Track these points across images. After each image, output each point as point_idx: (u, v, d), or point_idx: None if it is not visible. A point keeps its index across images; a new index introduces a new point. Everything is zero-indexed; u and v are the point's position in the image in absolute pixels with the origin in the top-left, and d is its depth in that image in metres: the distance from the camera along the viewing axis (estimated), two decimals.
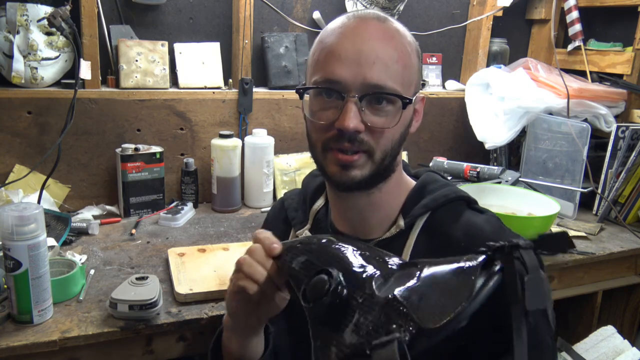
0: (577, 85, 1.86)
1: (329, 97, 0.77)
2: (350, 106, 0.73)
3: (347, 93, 0.74)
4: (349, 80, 0.74)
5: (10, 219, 0.91)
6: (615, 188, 1.72)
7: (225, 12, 1.73)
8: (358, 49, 0.74)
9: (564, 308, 1.71)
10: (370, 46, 0.75)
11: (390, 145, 0.78)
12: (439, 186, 0.86)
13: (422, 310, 0.51)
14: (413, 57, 0.80)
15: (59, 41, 1.46)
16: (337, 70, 0.75)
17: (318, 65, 0.78)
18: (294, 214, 0.96)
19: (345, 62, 0.74)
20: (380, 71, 0.74)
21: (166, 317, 1.03)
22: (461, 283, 0.52)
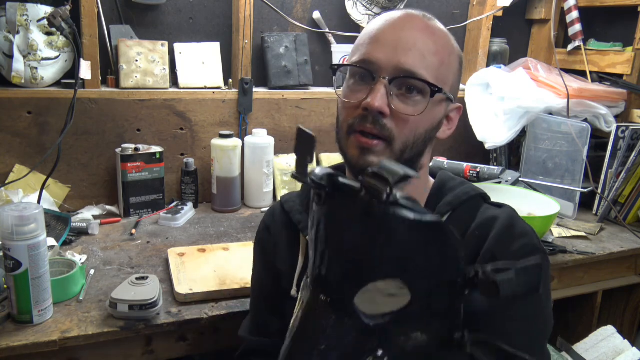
0: (577, 85, 1.86)
1: (361, 78, 0.78)
2: (379, 87, 0.74)
3: (379, 74, 0.75)
4: (383, 62, 0.75)
5: (10, 219, 0.91)
6: (615, 188, 1.72)
7: (225, 12, 1.73)
8: (398, 36, 0.75)
9: (564, 308, 1.71)
10: (410, 35, 0.76)
11: (412, 138, 0.77)
12: (458, 184, 0.86)
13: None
14: (453, 58, 0.80)
15: (59, 41, 1.46)
16: (373, 52, 0.76)
17: (358, 48, 0.80)
18: (300, 217, 0.91)
19: (383, 45, 0.75)
20: (415, 58, 0.74)
21: (166, 317, 1.03)
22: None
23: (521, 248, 0.76)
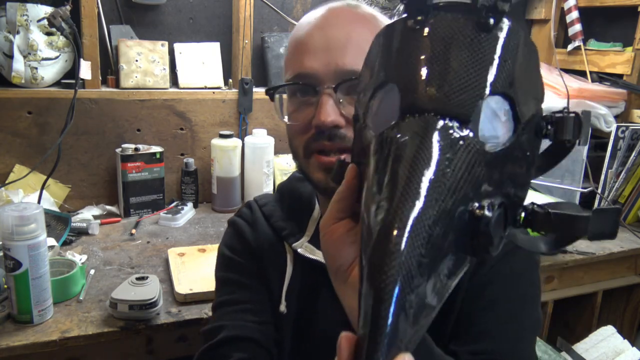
0: (577, 85, 1.86)
1: (303, 95, 0.70)
2: (325, 99, 0.66)
3: (321, 85, 0.66)
4: (321, 70, 0.66)
5: (10, 219, 0.91)
6: (615, 188, 1.72)
7: (225, 12, 1.73)
8: (327, 36, 0.67)
9: (564, 308, 1.71)
10: (340, 31, 0.67)
11: None
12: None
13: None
14: None
15: (59, 41, 1.46)
16: (307, 63, 0.67)
17: (289, 62, 0.71)
18: (284, 224, 0.81)
19: (314, 52, 0.67)
20: (354, 55, 0.66)
21: (166, 317, 1.03)
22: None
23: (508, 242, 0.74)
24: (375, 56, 0.53)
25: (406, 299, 0.38)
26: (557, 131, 0.49)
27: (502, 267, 0.71)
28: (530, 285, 0.74)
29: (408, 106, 0.45)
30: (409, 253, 0.39)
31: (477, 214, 0.43)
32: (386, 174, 0.44)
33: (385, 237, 0.40)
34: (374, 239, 0.41)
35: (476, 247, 0.43)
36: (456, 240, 0.42)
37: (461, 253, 0.44)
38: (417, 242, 0.39)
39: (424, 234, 0.40)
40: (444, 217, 0.41)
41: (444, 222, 0.41)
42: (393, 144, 0.45)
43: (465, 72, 0.45)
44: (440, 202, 0.41)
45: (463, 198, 0.42)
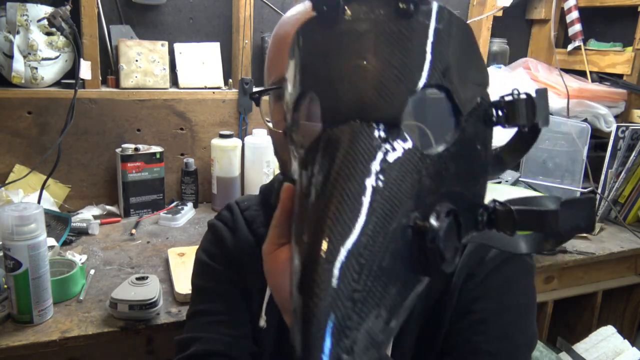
0: (577, 85, 1.86)
1: None
2: None
3: None
4: None
5: (10, 219, 0.91)
6: (615, 188, 1.72)
7: (225, 12, 1.73)
8: None
9: (564, 308, 1.71)
10: None
11: None
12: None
13: None
14: None
15: (59, 41, 1.46)
16: None
17: (272, 64, 0.67)
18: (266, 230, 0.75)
19: None
20: None
21: (166, 317, 1.03)
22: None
23: (499, 253, 0.68)
24: (291, 63, 0.47)
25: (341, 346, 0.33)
26: (508, 116, 0.44)
27: (493, 280, 0.67)
28: (524, 297, 0.70)
29: (329, 116, 0.40)
30: (338, 290, 0.33)
31: (421, 227, 0.37)
32: (310, 196, 0.38)
33: (309, 276, 0.34)
34: (298, 275, 0.36)
35: (426, 266, 0.38)
36: (403, 262, 0.37)
37: (410, 274, 0.38)
38: (348, 277, 0.34)
39: (354, 265, 0.34)
40: (380, 239, 0.36)
41: (382, 245, 0.36)
42: (315, 162, 0.40)
43: (389, 68, 0.39)
44: (374, 223, 0.36)
45: (403, 212, 0.37)
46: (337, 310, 0.33)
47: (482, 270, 0.67)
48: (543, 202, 0.42)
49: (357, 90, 0.39)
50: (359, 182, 0.36)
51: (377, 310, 0.35)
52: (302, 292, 0.35)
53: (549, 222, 0.40)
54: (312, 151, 0.41)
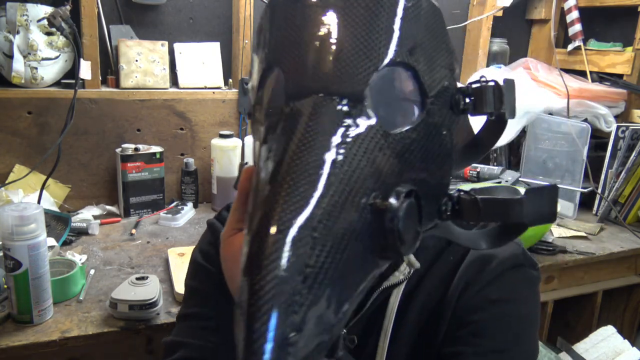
0: (577, 85, 1.86)
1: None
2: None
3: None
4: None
5: (10, 219, 0.91)
6: (615, 188, 1.72)
7: (225, 12, 1.73)
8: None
9: (564, 308, 1.71)
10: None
11: None
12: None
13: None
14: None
15: (59, 41, 1.46)
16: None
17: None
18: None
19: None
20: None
21: (166, 317, 1.03)
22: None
23: (500, 264, 0.63)
24: (259, 38, 0.46)
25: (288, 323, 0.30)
26: (476, 103, 0.43)
27: (491, 291, 0.63)
28: (524, 310, 0.64)
29: (292, 88, 0.39)
30: (289, 264, 0.31)
31: (380, 206, 0.36)
32: (268, 169, 0.37)
33: (259, 246, 0.32)
34: (246, 249, 0.33)
35: (384, 247, 0.36)
36: (360, 241, 0.35)
37: (368, 255, 0.36)
38: (299, 250, 0.32)
39: (307, 238, 0.32)
40: (336, 215, 0.34)
41: (338, 222, 0.34)
42: (276, 134, 0.38)
43: (354, 42, 0.38)
44: (330, 197, 0.34)
45: (362, 190, 0.36)
46: (285, 285, 0.31)
47: (481, 280, 0.63)
48: (505, 192, 0.41)
49: (321, 63, 0.38)
50: (318, 155, 0.35)
51: (330, 290, 0.33)
52: (249, 265, 0.32)
53: (515, 211, 0.39)
54: (273, 126, 0.39)
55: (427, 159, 0.41)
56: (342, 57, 0.38)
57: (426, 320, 0.64)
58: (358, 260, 0.36)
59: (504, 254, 0.64)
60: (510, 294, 0.63)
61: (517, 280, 0.64)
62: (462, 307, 0.62)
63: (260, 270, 0.31)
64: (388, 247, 0.36)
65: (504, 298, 0.63)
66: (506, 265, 0.63)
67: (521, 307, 0.64)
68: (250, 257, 0.32)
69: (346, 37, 0.38)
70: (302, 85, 0.39)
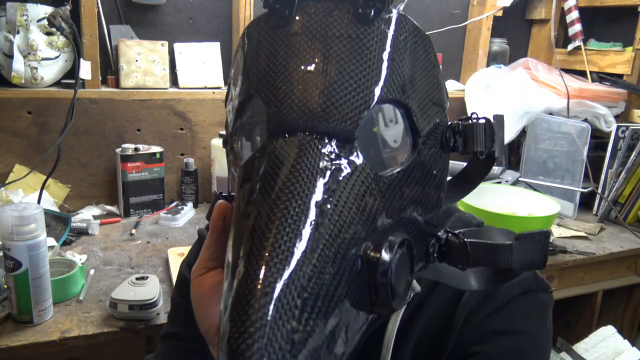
0: (577, 85, 1.86)
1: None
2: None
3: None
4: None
5: (10, 219, 0.91)
6: (615, 188, 1.72)
7: (225, 12, 1.73)
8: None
9: (564, 308, 1.71)
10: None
11: None
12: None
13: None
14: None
15: (59, 41, 1.46)
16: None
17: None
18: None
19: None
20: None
21: (166, 317, 1.03)
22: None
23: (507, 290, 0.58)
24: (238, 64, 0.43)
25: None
26: (466, 142, 0.41)
27: (496, 322, 0.57)
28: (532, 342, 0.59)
29: (276, 125, 0.36)
30: (275, 332, 0.29)
31: (372, 259, 0.33)
32: (248, 217, 0.34)
33: (242, 311, 0.29)
34: (227, 313, 0.30)
35: (375, 302, 0.34)
36: (348, 297, 0.33)
37: (357, 310, 0.34)
38: (287, 314, 0.29)
39: (296, 300, 0.30)
40: (325, 270, 0.31)
41: (327, 277, 0.31)
42: (256, 175, 0.35)
43: (344, 77, 0.36)
44: (320, 251, 0.31)
45: (352, 240, 0.33)
46: (272, 355, 0.28)
47: (486, 308, 0.58)
48: (495, 235, 0.39)
49: (308, 99, 0.35)
50: (305, 203, 0.32)
51: (318, 352, 0.31)
52: (232, 331, 0.29)
53: (503, 257, 0.37)
54: (254, 165, 0.36)
55: (417, 201, 0.40)
56: (331, 93, 0.35)
57: (427, 349, 0.59)
58: (347, 316, 0.33)
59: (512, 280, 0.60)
60: (517, 325, 0.58)
61: (526, 309, 0.59)
62: (466, 336, 0.58)
63: (243, 340, 0.28)
64: (379, 302, 0.34)
65: (511, 330, 0.58)
66: (513, 293, 0.58)
67: (529, 339, 0.59)
68: (232, 322, 0.29)
69: (335, 71, 0.36)
70: (287, 121, 0.36)
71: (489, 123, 0.41)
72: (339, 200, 0.33)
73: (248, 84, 0.40)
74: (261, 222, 0.32)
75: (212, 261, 0.43)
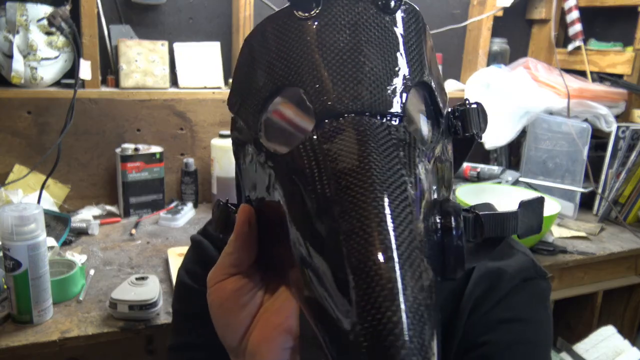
0: (577, 85, 1.86)
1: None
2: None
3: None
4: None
5: (10, 219, 0.91)
6: (615, 188, 1.72)
7: (225, 12, 1.73)
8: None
9: (564, 308, 1.71)
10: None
11: None
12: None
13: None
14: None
15: (58, 41, 1.46)
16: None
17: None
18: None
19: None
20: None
21: (166, 317, 1.03)
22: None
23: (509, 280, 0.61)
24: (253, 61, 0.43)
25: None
26: (464, 125, 0.44)
27: (500, 311, 0.60)
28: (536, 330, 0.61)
29: (326, 109, 0.36)
30: (411, 323, 0.28)
31: (448, 225, 0.36)
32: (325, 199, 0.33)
33: (374, 295, 0.28)
34: (354, 299, 0.29)
35: (447, 267, 0.35)
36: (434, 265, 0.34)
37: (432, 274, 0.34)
38: (416, 275, 0.30)
39: (419, 261, 0.30)
40: (423, 240, 0.32)
41: (425, 246, 0.32)
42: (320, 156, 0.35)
43: (384, 62, 0.38)
44: (416, 218, 0.32)
45: (432, 209, 0.35)
46: (416, 341, 0.28)
47: (491, 299, 0.60)
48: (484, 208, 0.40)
49: (355, 82, 0.37)
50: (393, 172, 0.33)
51: (434, 318, 0.31)
52: (364, 307, 0.28)
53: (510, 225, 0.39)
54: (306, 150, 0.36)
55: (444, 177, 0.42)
56: (376, 76, 0.37)
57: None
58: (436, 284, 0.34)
59: (513, 268, 0.62)
60: (522, 313, 0.61)
61: (529, 297, 0.62)
62: (472, 326, 0.59)
63: (386, 308, 0.28)
64: (451, 267, 0.35)
65: (516, 318, 0.60)
66: (515, 281, 0.61)
67: (532, 327, 0.61)
68: (362, 296, 0.29)
69: (373, 55, 0.38)
70: (337, 107, 0.36)
71: (480, 106, 0.44)
72: (417, 171, 0.35)
73: (275, 78, 0.40)
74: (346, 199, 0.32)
75: (233, 267, 0.42)
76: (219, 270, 0.43)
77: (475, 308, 0.59)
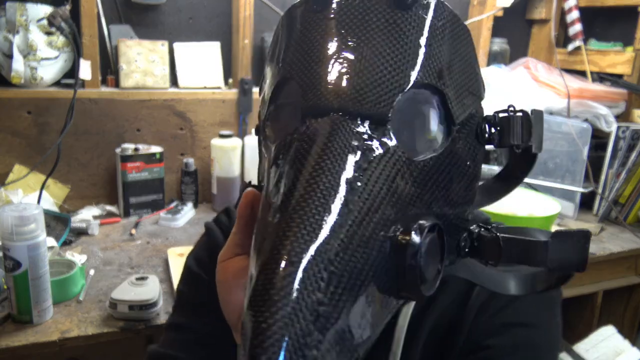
0: (577, 85, 1.86)
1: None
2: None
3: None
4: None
5: (10, 219, 0.91)
6: (615, 188, 1.72)
7: (225, 12, 1.73)
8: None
9: (564, 308, 1.70)
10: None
11: None
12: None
13: None
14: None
15: (58, 41, 1.46)
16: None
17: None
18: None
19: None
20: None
21: (166, 317, 1.03)
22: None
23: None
24: (274, 49, 0.43)
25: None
26: (502, 134, 0.40)
27: (506, 315, 0.58)
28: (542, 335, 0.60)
29: (310, 106, 0.36)
30: (300, 300, 0.28)
31: (400, 241, 0.33)
32: (279, 193, 0.34)
33: (268, 279, 0.28)
34: (253, 281, 0.30)
35: (402, 287, 0.33)
36: (377, 277, 0.32)
37: (385, 294, 0.33)
38: (313, 285, 0.28)
39: (322, 273, 0.29)
40: (353, 247, 0.31)
41: (354, 254, 0.31)
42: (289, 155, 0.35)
43: (379, 60, 0.36)
44: (349, 227, 0.31)
45: (381, 221, 0.33)
46: (296, 324, 0.28)
47: (496, 303, 0.58)
48: (533, 233, 0.38)
49: (342, 81, 0.36)
50: (335, 179, 0.32)
51: (343, 330, 0.30)
52: (255, 299, 0.29)
53: (537, 254, 0.36)
54: (285, 146, 0.36)
55: (449, 191, 0.39)
56: (365, 75, 0.36)
57: (438, 343, 0.58)
58: (374, 300, 0.32)
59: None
60: (528, 318, 0.59)
61: (537, 303, 0.60)
62: (477, 330, 0.58)
63: (267, 307, 0.28)
64: (407, 286, 0.33)
65: (522, 323, 0.59)
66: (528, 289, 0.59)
67: (538, 331, 0.60)
68: (256, 291, 0.29)
69: (370, 54, 0.36)
70: (321, 102, 0.36)
71: (526, 116, 0.40)
72: (369, 179, 0.33)
73: (283, 68, 0.40)
74: (290, 197, 0.32)
75: (238, 247, 0.43)
76: (227, 249, 0.44)
77: (481, 311, 0.58)
